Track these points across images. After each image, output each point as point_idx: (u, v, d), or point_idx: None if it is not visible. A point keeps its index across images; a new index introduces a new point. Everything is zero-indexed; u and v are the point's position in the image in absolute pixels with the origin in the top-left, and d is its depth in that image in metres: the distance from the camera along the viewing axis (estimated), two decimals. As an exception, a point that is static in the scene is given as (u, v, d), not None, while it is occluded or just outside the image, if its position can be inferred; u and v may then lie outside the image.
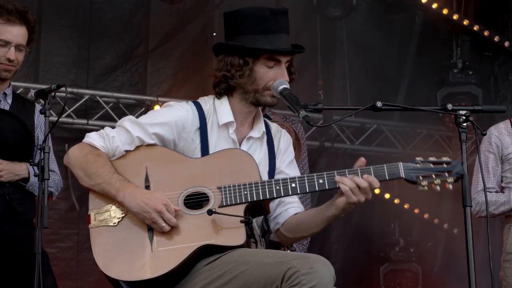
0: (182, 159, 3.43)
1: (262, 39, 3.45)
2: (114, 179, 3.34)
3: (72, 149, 3.45)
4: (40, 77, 6.99)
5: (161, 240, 3.28)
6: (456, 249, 7.98)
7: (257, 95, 3.48)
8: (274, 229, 3.60)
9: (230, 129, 3.50)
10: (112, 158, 3.44)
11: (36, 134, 4.39)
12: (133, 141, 3.44)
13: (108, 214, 3.36)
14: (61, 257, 6.98)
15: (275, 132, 3.66)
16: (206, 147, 3.46)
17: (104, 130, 3.48)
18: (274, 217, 3.57)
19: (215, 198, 3.32)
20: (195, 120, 3.49)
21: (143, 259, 3.25)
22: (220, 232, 3.27)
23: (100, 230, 3.34)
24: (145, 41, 7.53)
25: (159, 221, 3.27)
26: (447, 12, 7.91)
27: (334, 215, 3.37)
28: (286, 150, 3.65)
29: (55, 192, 4.53)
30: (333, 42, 8.04)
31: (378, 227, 8.24)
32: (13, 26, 4.25)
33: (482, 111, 3.46)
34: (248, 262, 3.17)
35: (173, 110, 3.50)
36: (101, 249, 3.31)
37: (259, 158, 3.50)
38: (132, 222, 3.33)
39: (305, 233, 3.54)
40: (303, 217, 3.52)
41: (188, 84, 7.41)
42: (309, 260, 3.09)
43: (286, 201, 3.55)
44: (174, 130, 3.46)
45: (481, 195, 4.82)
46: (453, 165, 3.32)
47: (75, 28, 7.25)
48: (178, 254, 3.24)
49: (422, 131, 8.32)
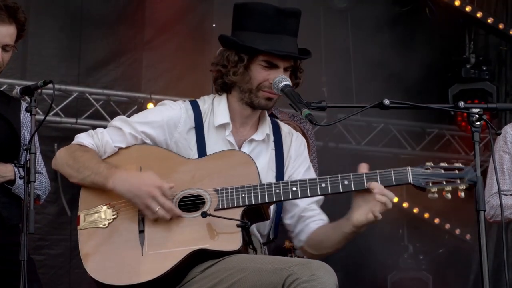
0: (178, 160, 3.44)
1: (261, 38, 3.46)
2: (102, 167, 3.37)
3: (60, 151, 3.53)
4: (27, 71, 6.98)
5: (153, 243, 3.29)
6: (468, 257, 7.98)
7: (251, 96, 3.49)
8: (298, 247, 3.64)
9: (227, 131, 3.51)
10: (104, 155, 3.47)
11: (22, 134, 4.37)
12: (125, 138, 3.47)
13: (98, 215, 3.38)
14: (49, 264, 6.96)
15: (286, 134, 3.65)
16: (203, 148, 3.47)
17: (93, 130, 3.53)
18: (297, 233, 3.58)
19: (211, 200, 3.33)
20: (189, 119, 3.50)
21: (133, 263, 3.27)
22: (215, 237, 3.28)
23: (89, 232, 3.37)
24: (140, 33, 7.51)
25: (152, 205, 3.27)
26: (459, 4, 7.90)
27: (353, 232, 3.39)
28: (299, 156, 3.63)
29: (43, 196, 4.51)
30: (337, 36, 8.03)
31: (386, 232, 8.22)
32: (1, 26, 4.22)
33: (497, 109, 3.46)
34: (246, 268, 3.17)
35: (165, 109, 3.53)
36: (90, 252, 3.33)
37: (263, 162, 3.51)
38: (123, 224, 3.35)
39: (329, 250, 3.53)
40: (323, 236, 3.51)
41: (185, 80, 7.39)
42: (311, 267, 3.09)
43: (306, 215, 3.55)
44: (165, 130, 3.48)
45: (495, 198, 4.81)
46: (465, 172, 3.30)
47: (65, 19, 7.23)
48: (170, 258, 3.25)
49: (433, 130, 8.31)
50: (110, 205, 3.38)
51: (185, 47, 7.48)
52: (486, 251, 3.22)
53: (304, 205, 3.55)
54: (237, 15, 3.57)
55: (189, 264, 3.27)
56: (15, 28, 4.25)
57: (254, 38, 3.46)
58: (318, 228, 3.53)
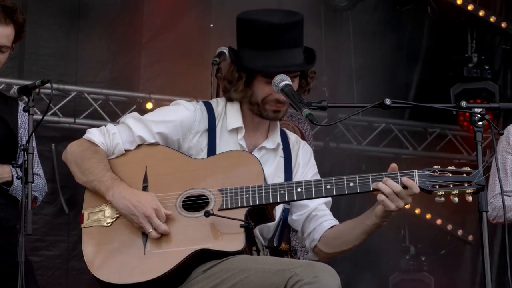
0: (184, 160, 3.45)
1: (259, 56, 3.46)
2: (106, 177, 3.38)
3: (71, 145, 3.52)
4: (25, 70, 6.98)
5: (155, 242, 3.30)
6: (471, 258, 7.97)
7: (259, 108, 3.51)
8: (311, 247, 3.59)
9: (239, 135, 3.54)
10: (112, 156, 3.49)
11: (19, 134, 4.36)
12: (134, 140, 3.49)
13: (102, 214, 3.40)
14: (47, 266, 6.95)
15: (294, 143, 3.67)
16: (213, 150, 3.49)
17: (106, 126, 3.53)
18: (309, 233, 3.57)
19: (215, 200, 3.34)
20: (204, 121, 3.52)
21: (134, 262, 3.29)
22: (218, 237, 3.28)
23: (92, 230, 3.39)
24: (138, 32, 7.51)
25: (146, 226, 3.29)
26: (461, 2, 7.90)
27: (375, 223, 3.38)
28: (306, 164, 3.65)
29: (40, 197, 4.51)
30: (338, 35, 8.02)
31: (387, 233, 8.21)
32: None
33: (499, 108, 3.45)
34: (248, 269, 3.18)
35: (180, 109, 3.54)
36: (92, 250, 3.35)
37: (270, 170, 3.51)
38: (126, 223, 3.36)
39: (346, 247, 3.52)
40: (342, 229, 3.51)
41: (184, 79, 7.38)
42: (314, 269, 3.09)
43: (319, 214, 3.55)
44: (179, 130, 3.49)
45: (498, 199, 4.81)
46: (473, 175, 3.29)
47: (63, 17, 7.22)
48: (172, 258, 3.26)
49: (435, 130, 8.30)
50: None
51: (183, 46, 7.47)
52: (489, 253, 3.22)
53: (314, 205, 3.55)
54: (238, 30, 3.58)
55: (192, 263, 3.28)
56: (12, 29, 4.21)
57: (253, 56, 3.47)
58: (335, 227, 3.52)
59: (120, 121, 3.57)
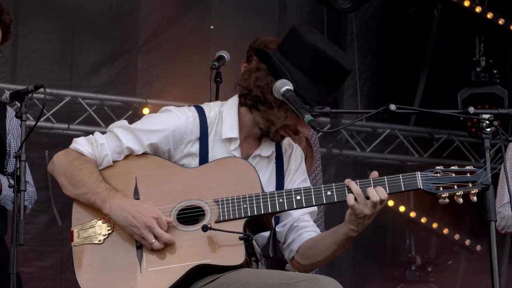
0: (176, 169, 3.41)
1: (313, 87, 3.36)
2: (101, 188, 3.33)
3: (57, 155, 3.44)
4: (17, 74, 6.98)
5: (151, 259, 3.26)
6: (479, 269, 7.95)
7: (270, 128, 3.42)
8: (289, 258, 3.56)
9: (232, 145, 3.47)
10: (99, 167, 3.42)
11: (8, 141, 4.34)
12: (122, 151, 3.43)
13: (92, 230, 3.34)
14: (39, 277, 6.95)
15: (286, 148, 3.61)
16: (206, 159, 3.44)
17: (93, 135, 3.46)
18: (288, 244, 3.54)
19: (211, 212, 3.30)
20: (196, 128, 3.46)
21: (131, 281, 3.24)
22: (216, 251, 3.26)
23: (84, 248, 3.32)
24: (135, 34, 7.51)
25: (148, 237, 3.25)
26: (469, 4, 7.90)
27: (345, 233, 3.32)
28: (297, 169, 3.61)
29: (29, 206, 4.48)
30: (342, 38, 8.03)
31: (392, 243, 8.22)
32: None
33: (508, 114, 3.44)
34: (249, 283, 3.16)
35: (171, 116, 3.46)
36: (85, 270, 3.29)
37: (264, 179, 3.46)
38: (120, 240, 3.31)
39: (319, 258, 3.47)
40: (316, 239, 3.48)
41: (182, 83, 7.38)
42: (318, 283, 3.07)
43: (300, 225, 3.52)
44: (170, 140, 3.43)
45: (507, 208, 4.79)
46: (477, 175, 3.29)
47: (57, 20, 7.23)
48: (170, 275, 3.22)
49: (441, 136, 8.31)
50: (105, 219, 3.34)
51: (181, 49, 7.47)
52: (498, 263, 3.22)
53: (297, 215, 3.52)
54: (291, 42, 3.45)
55: (191, 280, 3.25)
56: None
57: (306, 85, 3.35)
58: (312, 237, 3.50)
59: (108, 130, 3.49)
